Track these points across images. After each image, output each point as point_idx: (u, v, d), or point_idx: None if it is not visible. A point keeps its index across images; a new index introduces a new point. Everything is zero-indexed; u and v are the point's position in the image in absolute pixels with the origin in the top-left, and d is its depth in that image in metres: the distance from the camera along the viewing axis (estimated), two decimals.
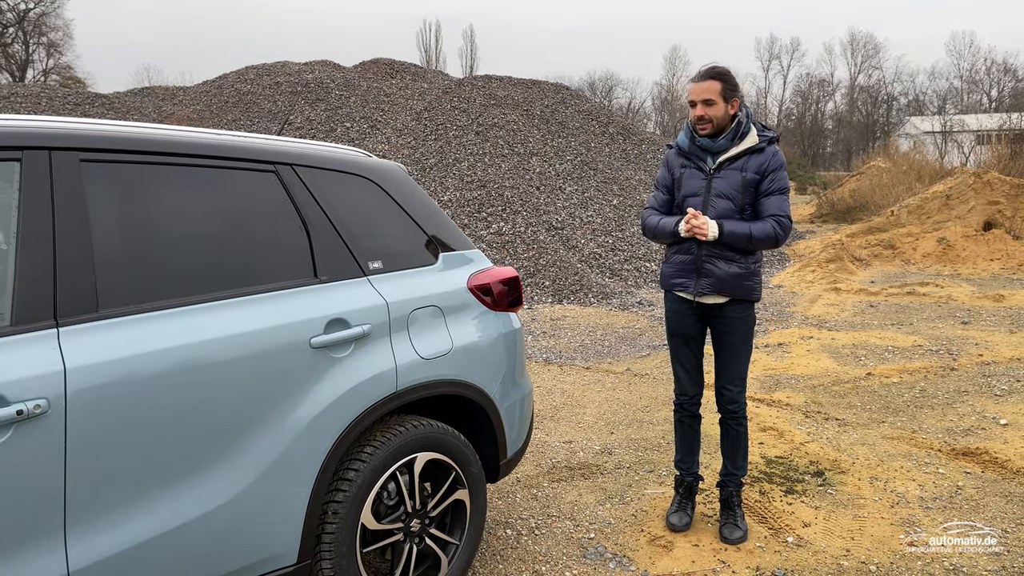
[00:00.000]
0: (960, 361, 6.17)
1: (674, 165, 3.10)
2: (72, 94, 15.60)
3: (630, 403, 5.30)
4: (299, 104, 15.51)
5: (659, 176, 3.17)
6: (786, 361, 6.43)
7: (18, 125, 1.84)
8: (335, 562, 2.25)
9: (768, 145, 2.97)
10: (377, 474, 2.34)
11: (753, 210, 2.98)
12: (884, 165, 21.35)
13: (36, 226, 1.76)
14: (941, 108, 55.09)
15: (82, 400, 1.71)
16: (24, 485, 1.64)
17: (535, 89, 17.26)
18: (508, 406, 2.83)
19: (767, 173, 2.94)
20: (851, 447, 4.21)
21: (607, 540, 3.14)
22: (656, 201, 3.15)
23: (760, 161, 2.95)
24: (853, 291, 10.40)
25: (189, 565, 1.93)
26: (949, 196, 13.82)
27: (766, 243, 2.90)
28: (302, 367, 2.15)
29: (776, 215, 2.90)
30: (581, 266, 10.88)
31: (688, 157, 3.05)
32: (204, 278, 2.07)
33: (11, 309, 1.70)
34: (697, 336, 3.13)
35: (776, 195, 2.93)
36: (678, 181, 3.06)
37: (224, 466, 1.98)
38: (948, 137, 32.92)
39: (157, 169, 2.05)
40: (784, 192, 2.96)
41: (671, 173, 3.10)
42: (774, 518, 3.29)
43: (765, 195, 2.94)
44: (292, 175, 2.36)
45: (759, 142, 2.96)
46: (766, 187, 2.94)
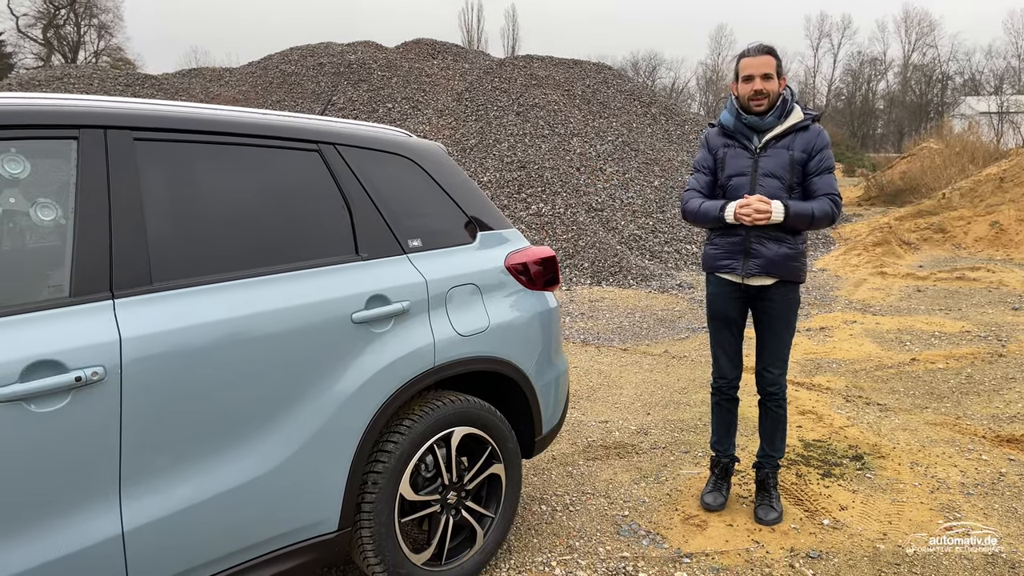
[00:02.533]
0: (1009, 348, 6.02)
1: (716, 145, 3.07)
2: (123, 75, 15.97)
3: (667, 385, 5.30)
4: (342, 85, 15.64)
5: (699, 158, 3.14)
6: (828, 345, 6.35)
7: (75, 105, 1.92)
8: (374, 530, 2.32)
9: (812, 123, 2.95)
10: (415, 447, 2.40)
11: (802, 189, 2.96)
12: (937, 146, 20.72)
13: (93, 202, 1.84)
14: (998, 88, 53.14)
15: (136, 368, 1.80)
16: (82, 449, 1.73)
17: (576, 69, 17.13)
18: (544, 384, 2.87)
19: (815, 152, 2.91)
20: (892, 432, 4.16)
21: (641, 518, 3.17)
22: (698, 183, 3.11)
23: (806, 139, 2.92)
24: (900, 275, 10.18)
25: (235, 529, 2.01)
26: (1003, 179, 13.38)
27: (824, 222, 2.90)
28: (344, 342, 2.21)
29: (829, 194, 2.89)
30: (621, 248, 10.83)
31: (732, 136, 3.02)
32: (250, 254, 2.14)
33: (70, 281, 1.78)
34: (739, 319, 3.12)
35: (826, 174, 2.92)
36: (721, 161, 3.03)
37: (268, 435, 2.06)
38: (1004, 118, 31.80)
39: (206, 148, 2.12)
40: (832, 171, 2.94)
41: (712, 154, 3.08)
42: (810, 500, 3.29)
43: (816, 174, 2.92)
44: (335, 154, 2.41)
45: (804, 119, 2.94)
46: (815, 166, 2.91)
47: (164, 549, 1.87)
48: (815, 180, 2.93)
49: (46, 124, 1.83)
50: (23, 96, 1.88)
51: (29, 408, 1.64)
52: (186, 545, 1.92)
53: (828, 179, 2.91)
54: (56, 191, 1.83)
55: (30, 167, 1.80)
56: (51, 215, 1.82)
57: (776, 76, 2.89)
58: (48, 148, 1.86)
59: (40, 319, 1.71)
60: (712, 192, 3.09)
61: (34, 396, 1.64)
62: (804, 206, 2.86)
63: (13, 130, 1.78)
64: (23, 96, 1.88)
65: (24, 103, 1.83)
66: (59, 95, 1.97)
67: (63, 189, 1.84)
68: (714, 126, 3.11)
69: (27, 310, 1.70)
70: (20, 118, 1.79)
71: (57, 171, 1.86)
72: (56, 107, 1.87)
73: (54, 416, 1.67)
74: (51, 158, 1.87)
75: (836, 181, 2.95)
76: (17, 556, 1.64)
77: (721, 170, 3.03)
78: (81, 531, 1.74)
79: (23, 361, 1.64)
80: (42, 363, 1.66)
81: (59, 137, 1.85)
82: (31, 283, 1.78)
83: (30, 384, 1.63)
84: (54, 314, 1.73)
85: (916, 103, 61.10)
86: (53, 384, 1.66)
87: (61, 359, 1.69)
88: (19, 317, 1.68)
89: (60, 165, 1.86)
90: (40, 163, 1.84)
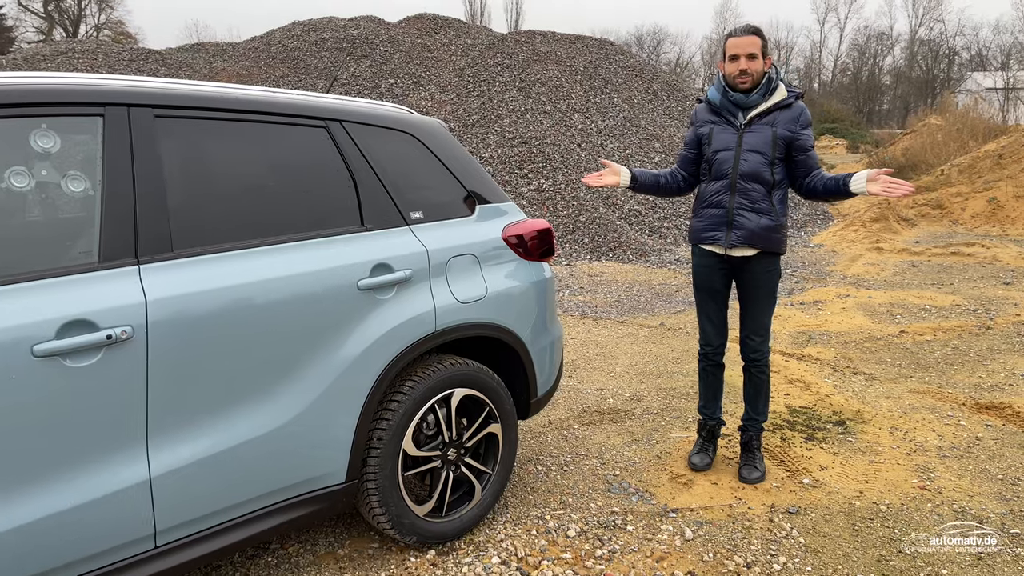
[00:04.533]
0: (997, 321, 6.18)
1: (703, 120, 3.20)
2: (126, 50, 16.00)
3: (661, 355, 5.46)
4: (344, 60, 15.66)
5: (687, 135, 3.29)
6: (820, 318, 6.50)
7: (101, 84, 2.06)
8: (379, 483, 2.50)
9: (795, 100, 3.07)
10: (417, 406, 2.57)
11: (784, 165, 3.10)
12: (938, 123, 20.70)
13: (118, 175, 1.99)
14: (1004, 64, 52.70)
15: (161, 328, 1.96)
16: (113, 401, 1.89)
17: (579, 44, 17.12)
18: (539, 349, 3.03)
19: (799, 131, 3.05)
20: (875, 400, 4.32)
21: (631, 477, 3.35)
22: (679, 159, 3.32)
23: (789, 116, 3.05)
24: (896, 251, 10.30)
25: (252, 478, 2.19)
26: (1001, 155, 13.44)
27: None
28: (350, 307, 2.37)
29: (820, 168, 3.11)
30: (620, 223, 10.96)
31: (718, 112, 3.15)
32: (262, 224, 2.29)
33: (98, 247, 1.94)
34: (723, 290, 3.27)
35: (813, 150, 3.11)
36: (707, 136, 3.17)
37: (281, 393, 2.22)
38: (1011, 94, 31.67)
39: (221, 124, 2.26)
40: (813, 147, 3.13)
41: (696, 130, 3.22)
42: (792, 462, 3.46)
43: (806, 152, 3.08)
44: (341, 130, 2.55)
45: (787, 97, 3.06)
46: (803, 143, 3.07)
47: (186, 495, 2.05)
48: (808, 157, 3.09)
49: (74, 102, 1.97)
50: (52, 75, 2.02)
51: (65, 363, 1.80)
52: (206, 491, 2.09)
53: (816, 155, 3.12)
54: (84, 164, 1.98)
55: (60, 141, 1.95)
56: (80, 187, 1.96)
57: (761, 56, 3.02)
58: (76, 124, 2.00)
59: (72, 282, 1.86)
60: (690, 168, 3.28)
61: (69, 352, 1.80)
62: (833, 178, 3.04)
63: (44, 107, 1.92)
64: (52, 75, 2.02)
65: (54, 82, 1.97)
66: (85, 74, 2.11)
67: (90, 162, 1.99)
68: (702, 102, 3.24)
69: (60, 274, 1.86)
70: (51, 96, 1.93)
71: (84, 146, 2.00)
72: (84, 86, 2.01)
73: (87, 371, 1.83)
74: (79, 133, 2.02)
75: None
76: (57, 498, 1.81)
77: (708, 144, 3.16)
78: (112, 476, 1.91)
79: (58, 320, 1.80)
80: (76, 322, 1.82)
81: (86, 114, 1.99)
82: (63, 249, 1.93)
83: (65, 341, 1.79)
84: (85, 278, 1.89)
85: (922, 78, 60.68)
86: (86, 341, 1.82)
87: (93, 319, 1.85)
88: (53, 280, 1.84)
89: (87, 140, 2.01)
90: (69, 138, 1.99)
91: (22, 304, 1.77)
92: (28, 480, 1.77)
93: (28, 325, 1.76)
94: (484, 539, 2.81)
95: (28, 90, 1.91)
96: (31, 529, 1.77)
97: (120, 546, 1.94)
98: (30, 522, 1.77)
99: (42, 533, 1.79)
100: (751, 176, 3.03)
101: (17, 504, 1.75)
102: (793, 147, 3.07)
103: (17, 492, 1.76)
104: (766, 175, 3.03)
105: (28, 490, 1.77)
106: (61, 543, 1.83)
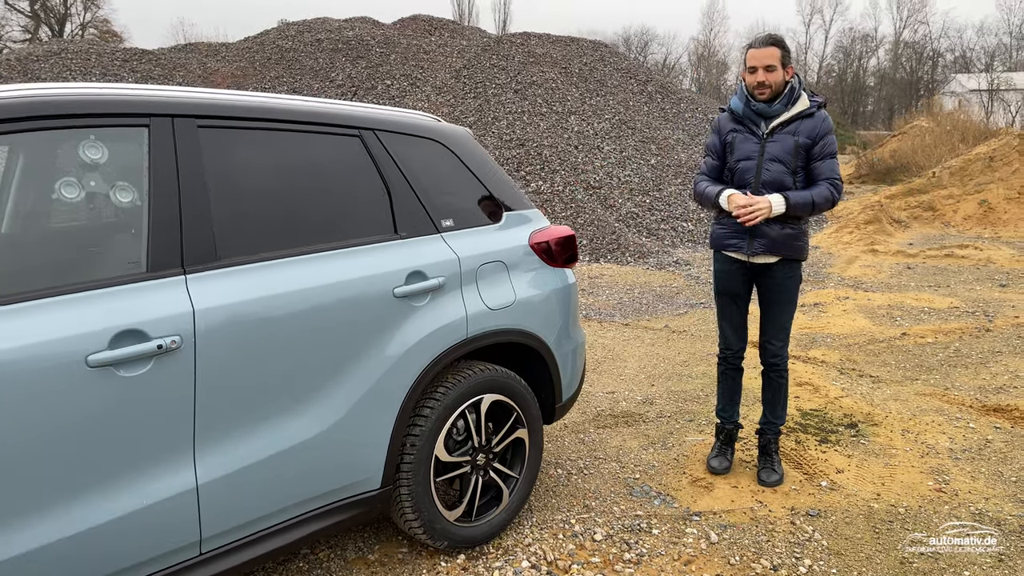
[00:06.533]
0: (996, 323, 6.26)
1: (724, 130, 3.23)
2: (120, 51, 15.90)
3: (669, 358, 5.51)
4: (340, 61, 15.65)
5: (709, 142, 3.31)
6: (822, 320, 6.57)
7: (146, 94, 2.07)
8: (412, 489, 2.52)
9: (818, 110, 3.10)
10: (448, 412, 2.59)
11: (805, 173, 3.12)
12: (927, 125, 20.93)
13: (164, 185, 2.00)
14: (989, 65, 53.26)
15: (208, 337, 1.97)
16: (163, 411, 1.91)
17: (573, 46, 17.18)
18: (563, 354, 3.06)
19: (818, 138, 3.07)
20: (884, 402, 4.38)
21: (651, 480, 3.38)
22: (707, 167, 3.30)
23: (811, 126, 3.08)
24: (891, 253, 10.42)
25: (292, 484, 2.20)
26: (992, 158, 13.61)
27: (826, 206, 3.07)
28: (388, 314, 2.39)
29: (830, 178, 3.05)
30: (618, 225, 11.01)
31: (741, 122, 3.18)
32: (301, 232, 2.30)
33: (146, 257, 1.95)
34: (744, 294, 3.31)
35: (828, 159, 3.07)
36: (729, 145, 3.20)
37: (322, 400, 2.24)
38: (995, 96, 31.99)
39: (260, 134, 2.28)
40: (835, 156, 3.10)
41: (722, 138, 3.24)
42: (809, 464, 3.51)
43: (818, 159, 3.08)
44: (374, 139, 2.57)
45: (810, 107, 3.09)
46: (818, 152, 3.07)
47: (231, 501, 2.06)
48: (817, 165, 3.08)
49: (121, 113, 1.98)
50: (98, 87, 2.03)
51: (118, 373, 1.81)
52: (250, 498, 2.11)
53: (831, 164, 3.07)
54: (131, 175, 1.99)
55: (108, 152, 1.96)
56: (128, 197, 1.98)
57: (781, 66, 3.04)
58: (123, 135, 2.01)
59: (122, 292, 1.88)
60: (719, 176, 3.27)
61: (122, 362, 1.82)
62: (804, 196, 3.02)
63: (92, 118, 1.93)
64: (98, 87, 2.03)
65: (100, 93, 1.99)
66: (129, 85, 2.12)
67: (137, 172, 2.00)
68: (724, 111, 3.28)
69: (110, 284, 1.87)
70: (98, 107, 1.95)
71: (131, 156, 2.02)
72: (129, 97, 2.02)
73: (138, 381, 1.85)
74: (125, 144, 2.03)
75: (838, 165, 3.12)
76: (111, 506, 1.82)
77: (730, 153, 3.20)
78: (161, 484, 1.92)
79: (111, 330, 1.81)
80: (128, 332, 1.84)
81: (132, 125, 2.01)
82: (112, 259, 1.95)
83: (118, 351, 1.80)
84: (134, 288, 1.90)
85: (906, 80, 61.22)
86: (138, 351, 1.83)
87: (144, 329, 1.86)
88: (104, 291, 1.85)
89: (133, 151, 2.02)
90: (116, 148, 2.00)
91: (76, 314, 1.78)
92: (82, 490, 1.79)
93: (82, 336, 1.77)
94: (512, 543, 2.84)
95: (76, 101, 1.92)
96: (84, 538, 1.78)
97: (167, 553, 1.96)
98: (84, 530, 1.78)
99: (95, 541, 1.80)
100: (773, 185, 3.06)
101: (73, 513, 1.77)
102: (810, 154, 3.10)
103: (73, 501, 1.77)
104: (788, 184, 3.06)
105: (83, 499, 1.78)
106: (113, 551, 1.84)
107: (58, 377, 1.73)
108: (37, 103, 1.85)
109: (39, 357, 1.70)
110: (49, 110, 1.86)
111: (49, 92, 1.91)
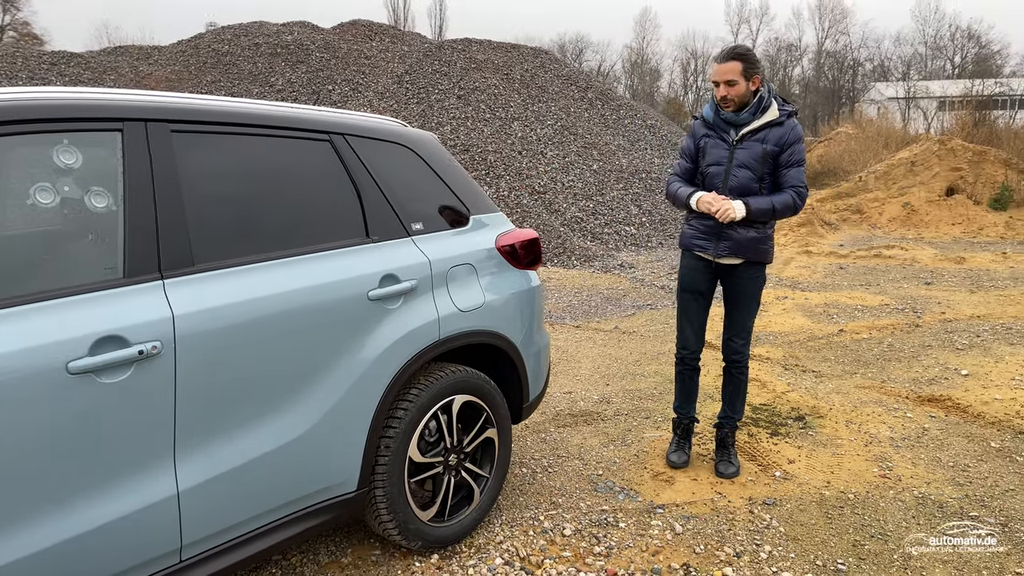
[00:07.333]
0: (924, 319, 6.61)
1: (698, 135, 3.33)
2: (47, 54, 15.30)
3: (621, 358, 5.63)
4: (279, 66, 15.41)
5: (684, 145, 3.42)
6: (764, 319, 6.82)
7: (117, 99, 2.05)
8: (387, 490, 2.54)
9: (787, 119, 3.21)
10: (422, 413, 2.62)
11: (772, 180, 3.22)
12: (852, 131, 21.84)
13: (139, 190, 1.98)
14: (905, 74, 55.89)
15: (188, 343, 1.96)
16: (143, 417, 1.89)
17: (515, 53, 17.33)
18: (530, 354, 3.13)
19: (786, 146, 3.16)
20: (827, 395, 4.59)
21: (614, 476, 3.47)
22: (680, 169, 3.42)
23: (779, 134, 3.17)
24: (824, 254, 10.85)
25: (272, 488, 2.20)
26: (914, 163, 14.31)
27: (786, 213, 3.17)
28: (363, 317, 2.41)
29: (795, 186, 3.16)
30: (564, 230, 11.17)
31: (712, 128, 3.29)
32: (275, 236, 2.31)
33: (123, 263, 1.93)
34: (708, 292, 3.43)
35: (795, 167, 3.17)
36: (702, 150, 3.30)
37: (299, 403, 2.25)
38: (912, 103, 33.57)
39: (233, 138, 2.27)
40: (801, 164, 3.20)
41: (695, 143, 3.35)
42: (762, 456, 3.66)
43: (785, 167, 3.18)
44: (344, 144, 2.59)
45: (779, 116, 3.20)
46: (785, 159, 3.17)
47: (212, 508, 2.05)
48: (784, 173, 3.18)
49: (94, 117, 1.96)
50: (70, 91, 2.00)
51: (98, 380, 1.79)
52: (230, 504, 2.10)
53: (796, 172, 3.17)
54: (105, 180, 1.97)
55: (82, 157, 1.93)
56: (103, 202, 1.95)
57: (745, 79, 3.12)
58: (96, 140, 1.98)
59: (101, 298, 1.86)
60: (692, 178, 3.39)
61: (102, 368, 1.80)
62: (764, 202, 3.13)
63: (64, 123, 1.90)
64: (70, 91, 2.00)
65: (73, 98, 1.96)
66: (101, 90, 2.09)
67: (111, 178, 1.98)
68: (697, 119, 3.39)
69: (88, 290, 1.85)
70: (71, 112, 1.92)
71: (105, 161, 1.99)
72: (102, 102, 2.00)
73: (119, 387, 1.83)
74: (98, 149, 2.00)
75: (804, 173, 3.23)
76: (91, 515, 1.80)
77: (702, 158, 3.31)
78: (142, 492, 1.90)
79: (91, 336, 1.79)
80: (108, 338, 1.82)
81: (106, 129, 1.98)
82: (88, 265, 1.92)
83: (99, 358, 1.78)
84: (112, 293, 1.88)
85: (829, 88, 63.64)
86: (118, 357, 1.81)
87: (124, 334, 1.85)
88: (82, 297, 1.83)
89: (106, 156, 1.99)
90: (90, 153, 1.97)
91: (55, 321, 1.76)
92: (64, 500, 1.76)
93: (62, 343, 1.75)
94: (484, 541, 2.88)
95: (48, 105, 1.89)
96: (64, 548, 1.75)
97: (148, 561, 1.94)
98: (65, 539, 1.75)
99: (76, 551, 1.78)
100: (740, 191, 3.18)
101: (53, 524, 1.74)
102: (778, 162, 3.19)
103: (54, 512, 1.74)
104: (754, 190, 3.18)
105: (64, 510, 1.76)
106: (93, 560, 1.82)
107: (39, 385, 1.70)
108: (9, 107, 1.82)
109: (19, 365, 1.68)
110: (22, 115, 1.83)
111: (21, 96, 1.87)
